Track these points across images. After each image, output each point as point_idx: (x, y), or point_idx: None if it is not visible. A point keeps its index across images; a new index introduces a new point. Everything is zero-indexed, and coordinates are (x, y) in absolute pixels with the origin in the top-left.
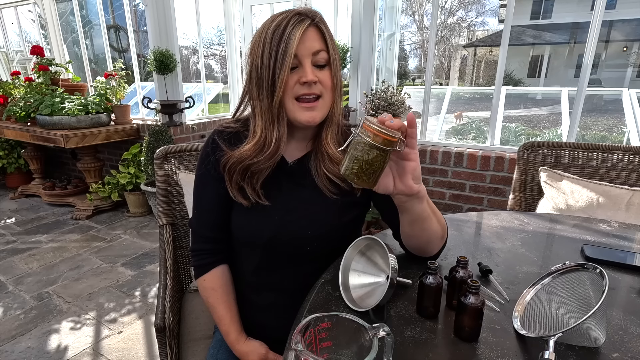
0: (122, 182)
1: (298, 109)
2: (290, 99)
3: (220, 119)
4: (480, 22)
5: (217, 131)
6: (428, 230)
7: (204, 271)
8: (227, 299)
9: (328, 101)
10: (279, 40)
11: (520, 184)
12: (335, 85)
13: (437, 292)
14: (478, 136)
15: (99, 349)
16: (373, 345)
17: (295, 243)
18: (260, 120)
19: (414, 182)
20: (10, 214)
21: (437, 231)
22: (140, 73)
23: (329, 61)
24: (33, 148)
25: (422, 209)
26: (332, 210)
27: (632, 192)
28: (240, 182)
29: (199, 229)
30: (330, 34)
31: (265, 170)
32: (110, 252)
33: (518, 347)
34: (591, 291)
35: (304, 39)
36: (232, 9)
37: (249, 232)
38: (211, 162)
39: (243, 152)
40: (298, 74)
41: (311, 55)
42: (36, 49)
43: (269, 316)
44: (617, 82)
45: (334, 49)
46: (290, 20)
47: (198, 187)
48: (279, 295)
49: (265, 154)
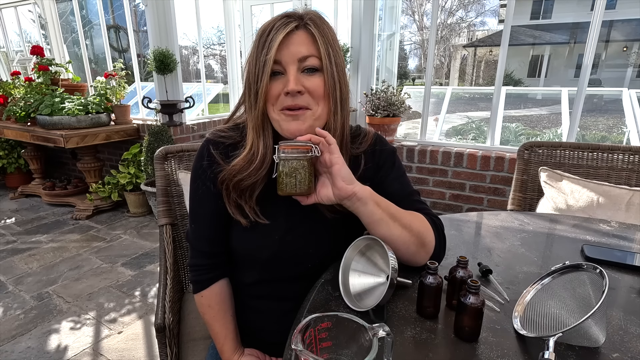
0: (122, 182)
1: (283, 119)
2: (275, 111)
3: (220, 119)
4: (480, 22)
5: (211, 141)
6: (390, 235)
7: (202, 287)
8: (223, 315)
9: (320, 114)
10: (262, 46)
11: (520, 184)
12: (329, 94)
13: (437, 292)
14: (478, 136)
15: (99, 349)
16: (373, 345)
17: (297, 260)
18: (251, 132)
19: (345, 183)
20: (10, 214)
21: (401, 236)
22: (140, 73)
23: (321, 66)
24: (33, 148)
25: (369, 211)
26: (333, 226)
27: (632, 192)
28: (237, 199)
29: (197, 244)
30: (324, 36)
31: (258, 184)
32: (110, 252)
33: (518, 347)
34: (591, 291)
35: (288, 43)
36: (232, 9)
37: (249, 250)
38: (208, 178)
39: (234, 165)
40: (283, 83)
41: (297, 62)
42: (36, 49)
43: (269, 321)
44: (617, 82)
45: (330, 52)
46: (275, 25)
47: (194, 201)
48: (279, 302)
49: (252, 166)
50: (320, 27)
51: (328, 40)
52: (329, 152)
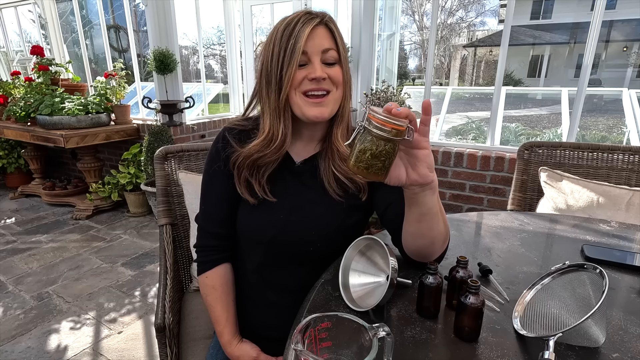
0: (122, 182)
1: (306, 104)
2: (298, 94)
3: (220, 119)
4: (480, 22)
5: (227, 128)
6: (435, 229)
7: (206, 268)
8: (225, 298)
9: (338, 97)
10: (288, 37)
11: (520, 184)
12: (346, 82)
13: (437, 292)
14: (478, 136)
15: (99, 349)
16: (373, 345)
17: (299, 242)
18: (269, 117)
19: (429, 170)
20: (10, 214)
21: (442, 232)
22: (140, 73)
23: (339, 59)
24: (33, 148)
25: (433, 202)
26: (337, 211)
27: (632, 192)
28: (248, 177)
29: (205, 225)
30: (339, 34)
31: (272, 164)
32: (110, 252)
33: (518, 347)
34: (591, 291)
35: (313, 36)
36: (232, 9)
37: (254, 229)
38: (221, 159)
39: (252, 148)
40: (307, 70)
41: (320, 53)
42: (36, 49)
43: (269, 315)
44: (617, 82)
45: (344, 48)
46: (300, 19)
47: (206, 182)
48: (280, 294)
49: (271, 147)
50: (336, 27)
51: (342, 38)
52: (422, 134)
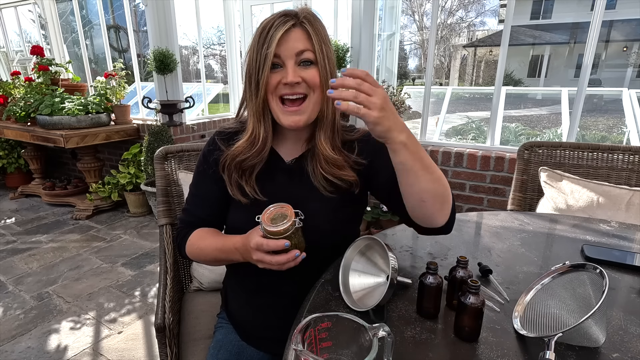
0: (122, 182)
1: (282, 113)
2: (274, 99)
3: (220, 119)
4: (480, 22)
5: (217, 132)
6: (415, 185)
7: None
8: (218, 233)
9: (317, 100)
10: (263, 42)
11: (520, 184)
12: (323, 84)
13: (437, 292)
14: (478, 136)
15: (99, 349)
16: (373, 345)
17: None
18: (252, 119)
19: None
20: (10, 214)
21: (428, 190)
22: (140, 73)
23: (316, 59)
24: (33, 148)
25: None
26: (329, 206)
27: (632, 192)
28: (238, 179)
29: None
30: (317, 32)
31: (258, 165)
32: (110, 252)
33: (518, 347)
34: (591, 291)
35: (286, 39)
36: (232, 9)
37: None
38: (209, 162)
39: (236, 148)
40: (281, 75)
41: (294, 56)
42: (36, 49)
43: (269, 316)
44: (617, 82)
45: (323, 47)
46: (275, 22)
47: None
48: (278, 297)
49: (254, 149)
50: (314, 25)
51: (321, 37)
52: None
